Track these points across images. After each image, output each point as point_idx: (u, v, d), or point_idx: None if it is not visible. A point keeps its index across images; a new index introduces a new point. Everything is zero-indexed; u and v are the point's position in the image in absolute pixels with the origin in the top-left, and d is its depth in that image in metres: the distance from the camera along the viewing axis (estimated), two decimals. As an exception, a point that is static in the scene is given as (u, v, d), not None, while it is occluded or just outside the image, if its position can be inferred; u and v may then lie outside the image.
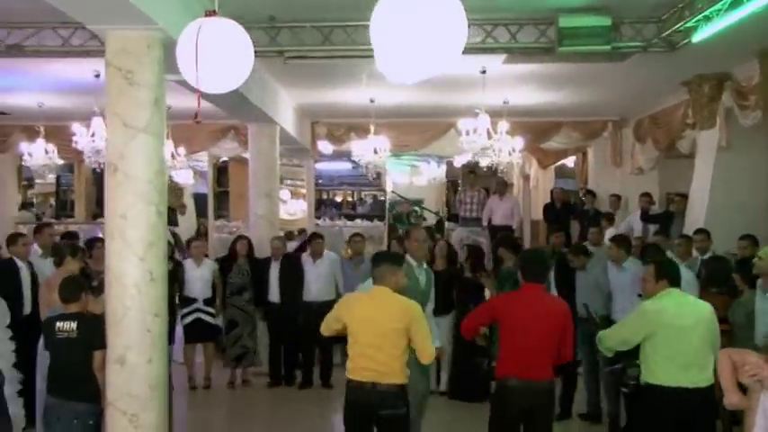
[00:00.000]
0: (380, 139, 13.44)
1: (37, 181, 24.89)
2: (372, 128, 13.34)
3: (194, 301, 10.28)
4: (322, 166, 25.17)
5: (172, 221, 17.74)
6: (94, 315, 6.22)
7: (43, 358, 7.10)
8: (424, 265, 7.28)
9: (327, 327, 5.92)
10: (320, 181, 27.72)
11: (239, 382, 10.65)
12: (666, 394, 5.64)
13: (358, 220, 20.78)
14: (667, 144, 12.94)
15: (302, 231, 15.78)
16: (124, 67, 6.17)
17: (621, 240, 9.18)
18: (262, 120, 11.58)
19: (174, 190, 18.39)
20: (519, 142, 12.93)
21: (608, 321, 7.80)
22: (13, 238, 8.76)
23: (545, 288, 6.10)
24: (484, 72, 10.47)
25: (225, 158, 17.76)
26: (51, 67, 10.22)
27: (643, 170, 14.35)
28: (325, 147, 15.46)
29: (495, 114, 12.13)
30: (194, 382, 10.50)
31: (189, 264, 10.46)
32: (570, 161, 18.18)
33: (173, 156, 13.60)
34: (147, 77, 6.17)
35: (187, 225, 18.20)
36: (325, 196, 28.08)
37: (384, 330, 5.59)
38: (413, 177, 23.22)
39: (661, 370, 5.71)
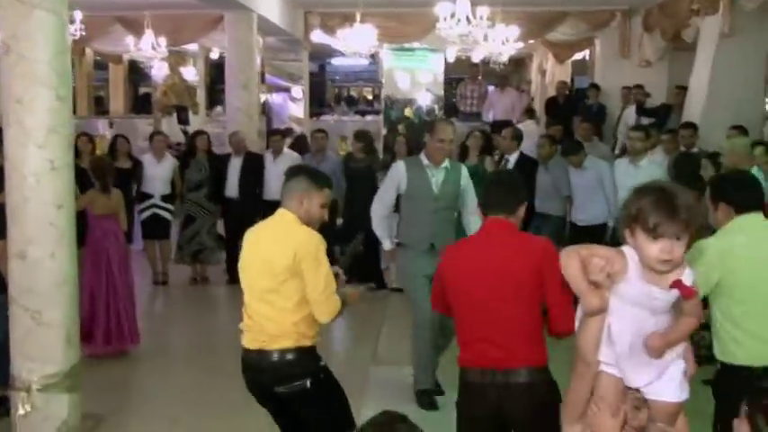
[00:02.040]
0: (367, 28, 12.65)
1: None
2: (358, 16, 12.56)
3: (151, 197, 10.00)
4: (339, 62, 24.56)
5: (183, 120, 17.43)
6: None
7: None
8: (446, 164, 6.09)
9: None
10: (337, 77, 27.20)
11: (200, 279, 10.46)
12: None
13: (369, 116, 20.25)
14: (673, 33, 12.22)
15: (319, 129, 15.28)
16: (18, -63, 5.58)
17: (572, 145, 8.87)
18: (236, 7, 10.91)
19: (187, 88, 18.01)
20: (513, 31, 12.13)
21: None
22: None
23: (515, 225, 3.90)
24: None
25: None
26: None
27: (651, 62, 13.61)
28: (319, 38, 14.74)
29: (493, 2, 11.30)
30: (157, 278, 10.33)
31: (148, 160, 10.11)
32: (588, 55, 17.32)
33: (153, 47, 13.06)
34: (42, -53, 5.57)
35: (200, 123, 17.82)
36: (345, 93, 27.56)
37: (272, 271, 4.12)
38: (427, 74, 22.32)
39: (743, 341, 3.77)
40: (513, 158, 9.14)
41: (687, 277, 2.48)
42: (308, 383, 4.14)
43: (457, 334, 3.95)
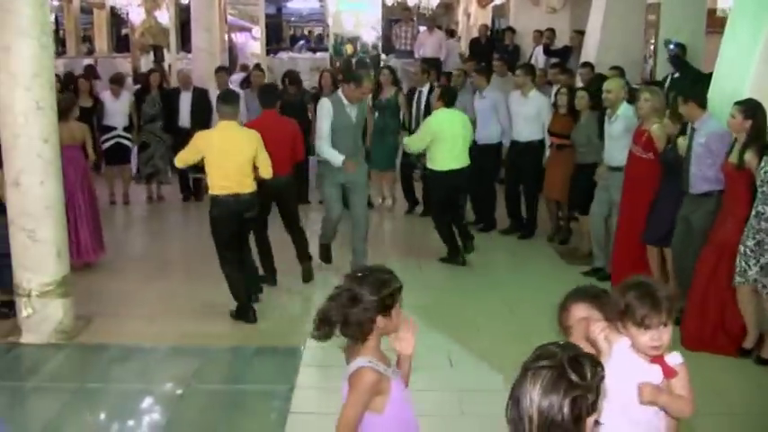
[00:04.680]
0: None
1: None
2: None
3: (114, 128, 9.90)
4: (294, 4, 24.09)
5: (159, 58, 17.00)
6: None
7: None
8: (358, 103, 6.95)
9: (184, 160, 6.14)
10: (292, 18, 26.64)
11: (156, 198, 10.41)
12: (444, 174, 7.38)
13: (319, 53, 19.92)
14: (574, -15, 12.14)
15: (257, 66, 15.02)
16: None
17: (482, 69, 9.07)
18: (204, -43, 10.61)
19: (162, 30, 17.52)
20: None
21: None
22: None
23: (277, 113, 6.87)
24: None
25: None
26: None
27: (556, 9, 13.59)
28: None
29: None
30: (114, 198, 10.20)
31: (107, 97, 9.96)
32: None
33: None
34: None
35: (172, 60, 17.36)
36: (300, 33, 27.07)
37: (239, 157, 5.92)
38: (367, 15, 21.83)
39: (439, 160, 7.38)
40: (425, 89, 9.31)
41: (673, 357, 2.44)
42: (258, 207, 6.19)
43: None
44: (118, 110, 9.98)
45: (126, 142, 10.11)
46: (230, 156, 5.88)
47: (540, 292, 6.85)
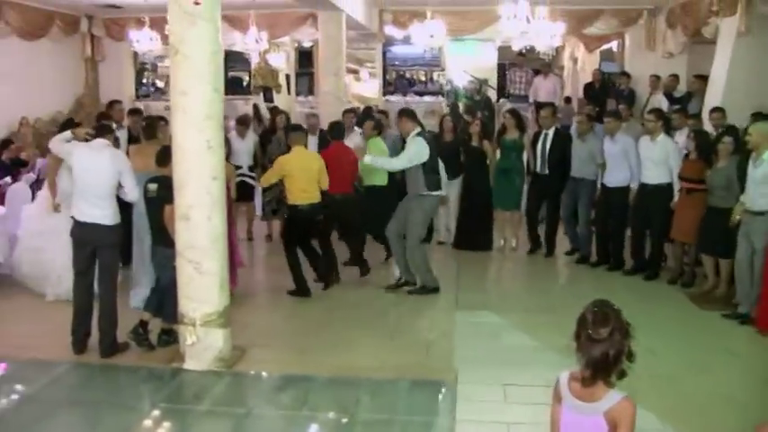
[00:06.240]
0: (437, 24, 12.71)
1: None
2: (429, 14, 12.64)
3: (240, 167, 10.10)
4: (399, 49, 24.51)
5: (268, 98, 17.65)
6: (168, 177, 6.15)
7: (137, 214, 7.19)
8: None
9: (268, 180, 8.21)
10: (396, 62, 27.07)
11: (276, 235, 10.61)
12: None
13: (426, 97, 20.25)
14: (694, 30, 12.06)
15: (368, 108, 15.39)
16: (182, -42, 5.78)
17: (614, 114, 9.18)
18: (329, 8, 11.09)
19: (271, 72, 18.20)
20: (560, 27, 12.14)
21: None
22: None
23: (344, 143, 8.71)
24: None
25: (309, 43, 17.29)
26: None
27: (673, 54, 13.47)
28: (391, 31, 14.90)
29: (540, 1, 11.32)
30: (238, 234, 10.39)
31: (234, 137, 10.17)
32: (614, 45, 17.18)
33: (256, 41, 13.24)
34: (201, -32, 5.76)
35: (286, 102, 18.02)
36: (405, 76, 27.49)
37: (310, 174, 7.86)
38: (480, 59, 22.11)
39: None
40: (551, 132, 9.54)
41: None
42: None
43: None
44: (243, 149, 10.27)
45: (250, 181, 10.40)
46: (305, 172, 7.84)
47: (678, 335, 6.87)
